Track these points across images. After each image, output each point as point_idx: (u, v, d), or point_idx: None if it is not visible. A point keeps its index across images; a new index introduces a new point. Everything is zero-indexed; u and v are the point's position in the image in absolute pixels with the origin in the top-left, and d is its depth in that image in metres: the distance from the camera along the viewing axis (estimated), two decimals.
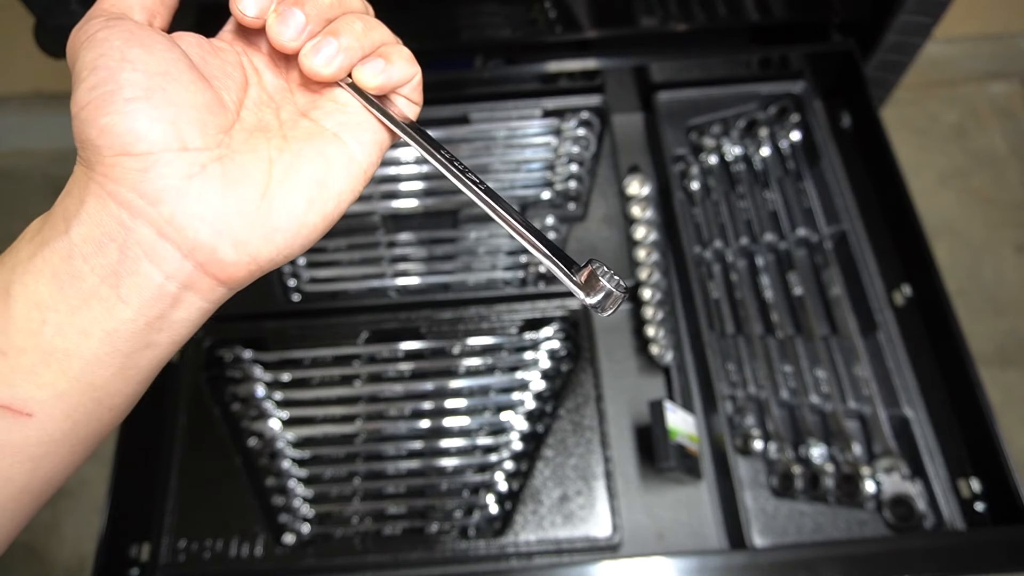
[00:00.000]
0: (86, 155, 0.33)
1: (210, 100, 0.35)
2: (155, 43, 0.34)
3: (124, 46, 0.33)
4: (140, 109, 0.32)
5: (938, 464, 0.88)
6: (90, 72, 0.33)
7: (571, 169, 1.08)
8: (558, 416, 0.94)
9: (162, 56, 0.34)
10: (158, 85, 0.33)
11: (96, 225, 0.32)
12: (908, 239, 0.97)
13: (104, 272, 0.32)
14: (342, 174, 0.38)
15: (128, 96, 0.32)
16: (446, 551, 0.84)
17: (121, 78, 0.32)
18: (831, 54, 1.11)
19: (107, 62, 0.33)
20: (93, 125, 0.32)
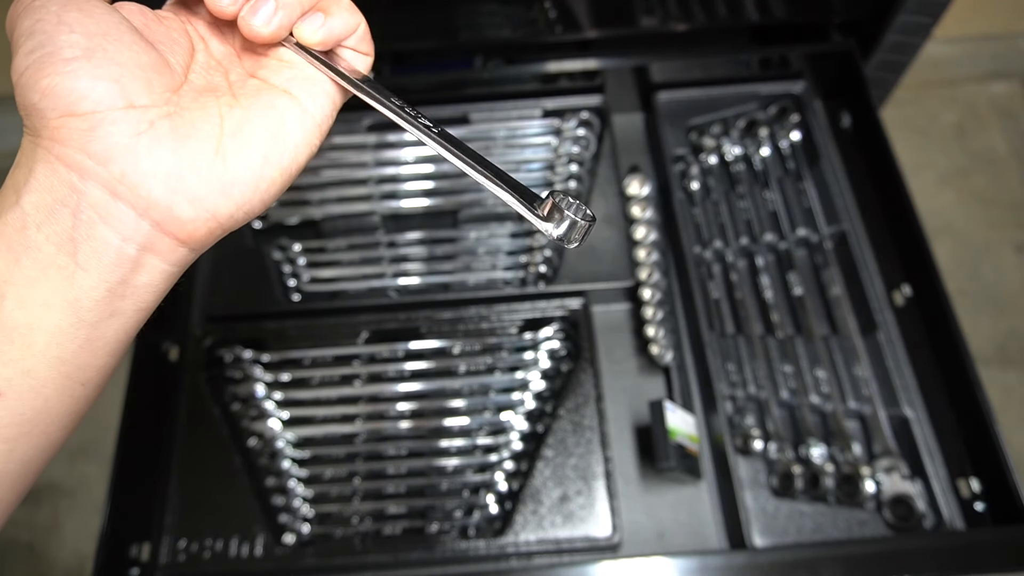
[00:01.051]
0: (31, 122, 0.32)
1: (155, 60, 0.34)
2: (93, 7, 0.33)
3: (61, 11, 0.32)
4: (81, 68, 0.31)
5: (938, 464, 0.88)
6: (27, 38, 0.32)
7: (571, 169, 1.08)
8: (558, 416, 0.94)
9: (101, 19, 0.33)
10: (98, 45, 0.32)
11: (47, 191, 0.31)
12: (908, 239, 0.97)
13: (59, 239, 0.31)
14: (296, 127, 0.37)
15: (68, 56, 0.31)
16: (446, 551, 0.84)
17: (60, 40, 0.31)
18: (831, 54, 1.11)
19: (44, 27, 0.32)
20: (34, 89, 0.31)
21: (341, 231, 1.09)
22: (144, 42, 0.34)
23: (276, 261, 1.05)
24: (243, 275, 1.04)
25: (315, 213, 1.08)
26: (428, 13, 1.10)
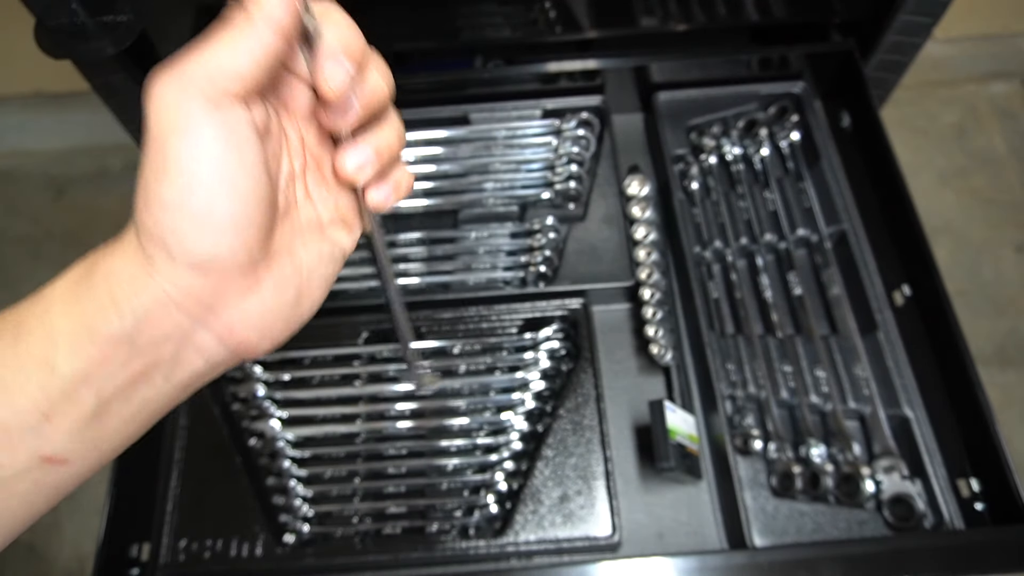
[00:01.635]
0: (152, 250, 0.35)
1: (275, 215, 0.39)
2: (247, 152, 0.35)
3: (221, 154, 0.34)
4: (221, 230, 0.34)
5: (938, 464, 0.88)
6: (177, 172, 0.34)
7: (571, 169, 1.08)
8: (558, 416, 0.94)
9: (250, 170, 0.35)
10: (241, 211, 0.35)
11: (157, 327, 0.35)
12: (908, 239, 0.97)
13: (156, 364, 0.36)
14: (338, 267, 0.45)
15: (214, 215, 0.34)
16: (446, 551, 0.84)
17: (211, 194, 0.34)
18: (831, 54, 1.11)
19: (198, 169, 0.34)
20: (170, 231, 0.34)
21: None
22: (272, 195, 0.38)
23: None
24: None
25: None
26: (428, 13, 1.10)
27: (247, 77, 0.36)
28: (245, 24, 0.36)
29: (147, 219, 0.34)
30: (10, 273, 1.86)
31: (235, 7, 0.37)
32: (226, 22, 0.37)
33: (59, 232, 1.92)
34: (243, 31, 0.36)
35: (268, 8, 0.36)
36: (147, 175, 0.34)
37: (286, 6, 0.36)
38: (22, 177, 2.00)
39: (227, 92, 0.35)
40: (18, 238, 1.91)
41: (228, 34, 0.36)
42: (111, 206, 1.94)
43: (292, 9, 0.36)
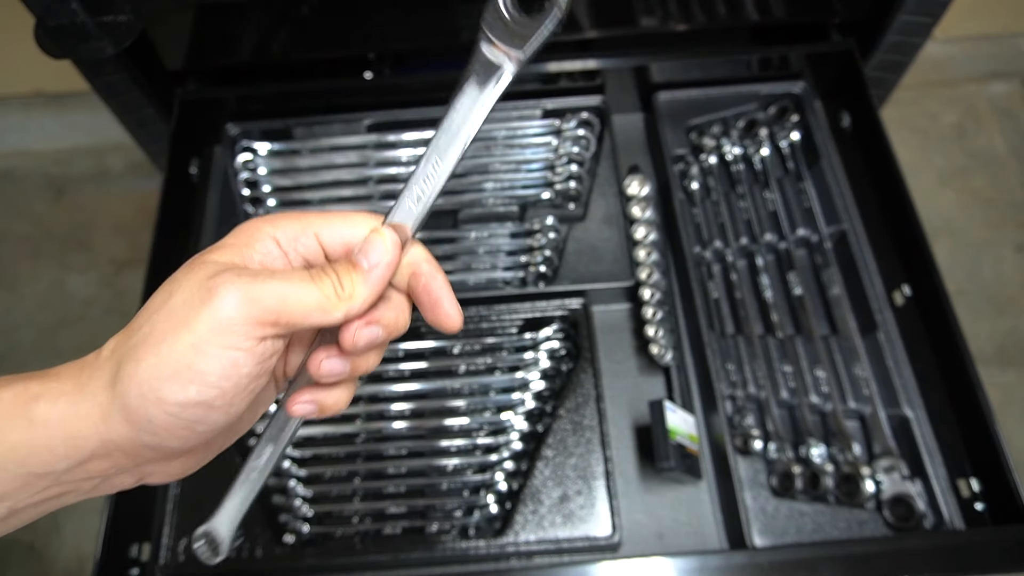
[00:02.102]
0: (125, 424, 0.37)
1: (235, 433, 0.46)
2: (262, 378, 0.39)
3: (245, 378, 0.38)
4: (202, 434, 0.39)
5: (938, 464, 0.88)
6: (202, 383, 0.37)
7: (571, 169, 1.08)
8: (558, 416, 0.94)
9: (255, 391, 0.40)
10: (229, 422, 0.40)
11: (87, 472, 0.39)
12: (908, 239, 0.97)
13: (74, 491, 0.40)
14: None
15: (207, 424, 0.38)
16: (446, 551, 0.84)
17: (217, 407, 0.38)
18: (831, 54, 1.11)
19: (223, 385, 0.37)
20: (162, 424, 0.37)
21: None
22: (246, 423, 0.46)
23: None
24: None
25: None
26: (428, 13, 1.10)
27: (309, 321, 0.39)
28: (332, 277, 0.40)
29: (144, 403, 0.36)
30: (10, 273, 1.86)
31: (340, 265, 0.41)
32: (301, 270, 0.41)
33: (59, 232, 1.91)
34: (329, 295, 0.40)
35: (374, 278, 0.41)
36: (165, 357, 0.36)
37: (381, 282, 0.42)
38: (22, 177, 2.00)
39: (285, 327, 0.38)
40: (18, 238, 1.91)
41: (311, 284, 0.39)
42: (111, 206, 1.94)
43: (383, 286, 0.42)
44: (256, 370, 0.38)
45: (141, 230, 1.89)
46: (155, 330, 0.37)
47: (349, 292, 0.40)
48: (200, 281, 0.37)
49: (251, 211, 1.08)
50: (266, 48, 1.12)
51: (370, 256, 0.42)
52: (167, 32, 1.07)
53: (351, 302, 0.40)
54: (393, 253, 0.42)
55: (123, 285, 1.83)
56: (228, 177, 1.11)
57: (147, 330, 0.37)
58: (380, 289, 0.42)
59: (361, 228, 0.43)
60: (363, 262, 0.41)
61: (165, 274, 0.40)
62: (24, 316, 1.82)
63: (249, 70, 1.20)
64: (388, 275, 0.42)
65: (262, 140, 1.11)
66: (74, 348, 1.75)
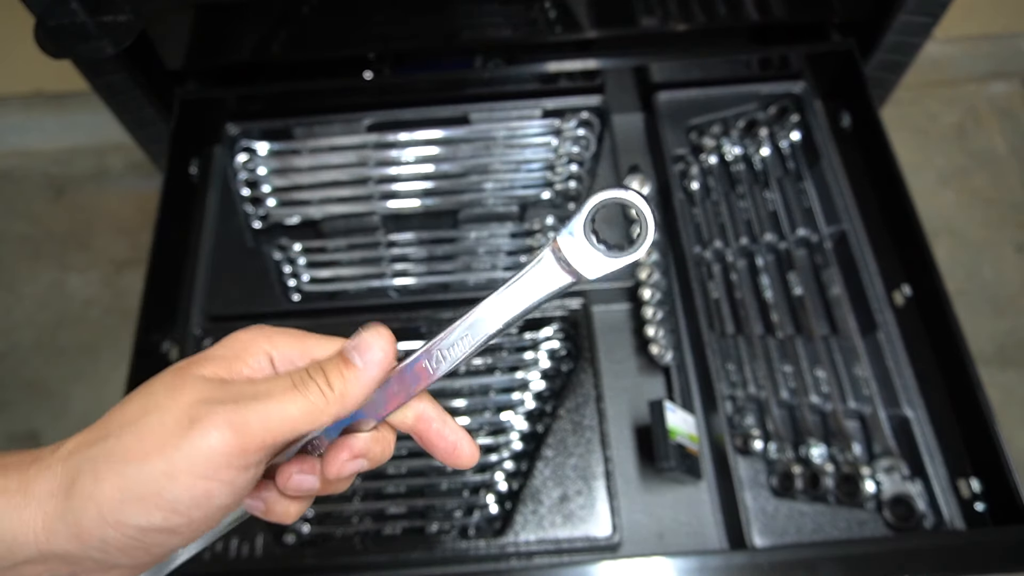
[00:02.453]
0: (67, 543, 0.35)
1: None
2: (235, 506, 0.38)
3: (219, 508, 0.36)
4: (139, 568, 0.37)
5: (938, 464, 0.88)
6: (171, 511, 0.35)
7: (571, 169, 1.08)
8: (558, 416, 0.94)
9: (224, 517, 0.38)
10: (166, 553, 0.38)
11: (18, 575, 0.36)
12: (908, 239, 0.97)
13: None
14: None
15: (168, 547, 0.37)
16: (446, 551, 0.84)
17: (165, 548, 0.36)
18: (831, 54, 1.11)
19: (193, 515, 0.35)
20: (110, 553, 0.35)
21: (341, 231, 1.09)
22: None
23: (276, 261, 1.05)
24: (243, 275, 1.04)
25: (315, 213, 1.08)
26: (428, 13, 1.10)
27: (297, 434, 0.37)
28: (321, 394, 0.38)
29: (101, 525, 0.34)
30: (10, 273, 1.86)
31: (308, 376, 0.38)
32: (292, 380, 0.38)
33: (59, 232, 1.91)
34: (317, 402, 0.38)
35: (354, 388, 0.39)
36: (131, 480, 0.34)
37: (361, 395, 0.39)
38: (22, 177, 2.00)
39: (271, 448, 0.36)
40: (18, 238, 1.91)
41: (296, 395, 0.37)
42: (111, 206, 1.94)
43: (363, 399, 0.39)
44: (230, 500, 0.36)
45: (141, 230, 1.89)
46: (123, 447, 0.35)
47: (339, 392, 0.38)
48: (183, 407, 0.35)
49: (251, 211, 1.08)
50: (266, 48, 1.12)
51: (364, 353, 0.39)
52: (167, 32, 1.07)
53: (341, 404, 0.38)
54: (389, 351, 0.40)
55: (123, 285, 1.83)
56: (228, 177, 1.11)
57: (113, 444, 0.35)
58: (372, 390, 0.40)
59: None
60: (356, 360, 0.39)
61: (165, 274, 0.39)
62: (24, 316, 1.82)
63: (249, 70, 1.20)
64: (381, 376, 0.40)
65: (262, 140, 1.11)
66: (74, 348, 1.75)
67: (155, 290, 0.99)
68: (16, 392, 1.72)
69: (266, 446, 0.36)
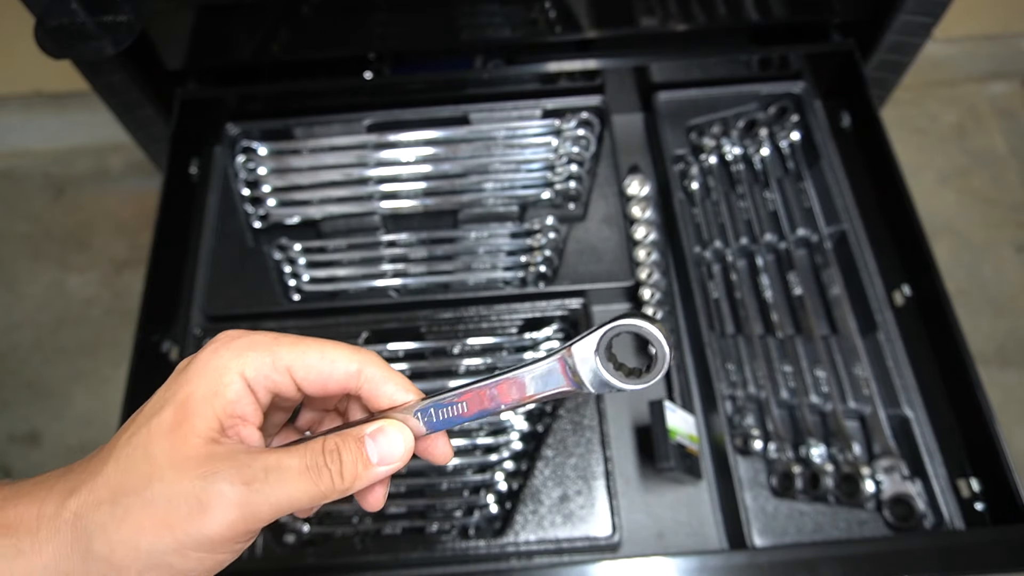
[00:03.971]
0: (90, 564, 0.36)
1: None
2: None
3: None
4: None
5: (938, 464, 0.88)
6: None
7: (571, 169, 1.08)
8: (558, 416, 0.94)
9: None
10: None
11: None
12: (908, 239, 0.97)
13: None
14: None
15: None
16: (446, 551, 0.84)
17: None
18: (831, 54, 1.11)
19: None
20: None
21: (341, 231, 1.09)
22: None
23: (276, 261, 1.05)
24: (243, 275, 1.04)
25: (315, 213, 1.08)
26: (428, 13, 1.10)
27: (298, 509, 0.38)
28: (332, 484, 0.39)
29: (117, 557, 0.35)
30: (10, 273, 1.86)
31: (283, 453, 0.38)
32: (302, 458, 0.38)
33: (59, 232, 1.91)
34: (326, 490, 0.39)
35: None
36: (143, 553, 0.35)
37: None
38: (22, 177, 2.00)
39: (275, 518, 0.37)
40: (18, 238, 1.91)
41: (307, 482, 0.38)
42: (111, 206, 1.94)
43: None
44: (237, 556, 0.38)
45: (141, 230, 1.89)
46: (133, 521, 0.35)
47: (349, 483, 0.39)
48: (189, 484, 0.35)
49: (251, 211, 1.08)
50: (266, 48, 1.12)
51: (384, 451, 0.40)
52: (167, 32, 1.07)
53: (348, 491, 0.40)
54: (405, 454, 0.41)
55: (123, 285, 1.83)
56: (228, 177, 1.11)
57: (122, 515, 0.35)
58: (379, 481, 0.42)
59: (340, 363, 0.41)
60: (373, 454, 0.40)
61: (165, 274, 0.39)
62: (24, 316, 1.82)
63: (249, 70, 1.20)
64: (391, 471, 0.42)
65: (262, 140, 1.11)
66: (74, 348, 1.75)
67: (155, 290, 0.99)
68: (16, 392, 1.72)
69: (271, 520, 0.37)
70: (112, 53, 0.93)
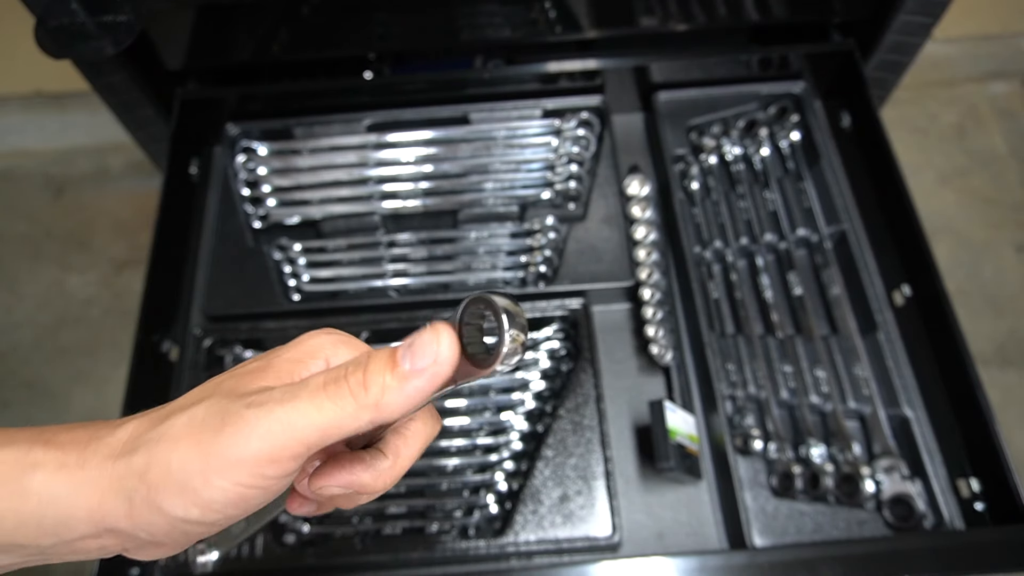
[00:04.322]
0: (120, 520, 0.35)
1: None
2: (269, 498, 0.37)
3: (235, 520, 0.37)
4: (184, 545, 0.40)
5: (938, 464, 0.88)
6: (196, 521, 0.36)
7: (571, 169, 1.08)
8: (558, 416, 0.94)
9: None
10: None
11: (73, 550, 0.37)
12: (908, 239, 0.97)
13: (47, 559, 0.37)
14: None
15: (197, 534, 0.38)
16: (446, 551, 0.84)
17: (203, 535, 0.38)
18: (831, 54, 1.11)
19: (215, 524, 0.36)
20: (155, 536, 0.36)
21: (341, 231, 1.09)
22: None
23: (276, 261, 1.05)
24: (243, 275, 1.04)
25: (315, 213, 1.08)
26: (428, 13, 1.10)
27: (328, 441, 0.35)
28: (364, 399, 0.34)
29: (147, 509, 0.35)
30: (10, 273, 1.86)
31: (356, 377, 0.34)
32: (337, 381, 0.35)
33: (59, 232, 1.91)
34: (346, 408, 0.34)
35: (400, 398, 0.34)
36: (175, 473, 0.34)
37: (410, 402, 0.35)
38: (22, 177, 1.99)
39: (303, 456, 0.35)
40: (18, 238, 1.91)
41: (323, 400, 0.34)
42: (111, 206, 1.94)
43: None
44: (266, 499, 0.36)
45: (141, 230, 1.89)
46: (173, 435, 0.35)
47: (375, 400, 0.34)
48: (223, 404, 0.35)
49: (251, 211, 1.08)
50: (266, 48, 1.12)
51: (416, 357, 0.34)
52: (167, 32, 1.07)
53: (376, 413, 0.34)
54: (445, 364, 0.34)
55: (123, 285, 1.83)
56: (228, 177, 1.11)
57: (164, 431, 0.35)
58: (417, 402, 0.34)
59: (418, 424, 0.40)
60: (405, 362, 0.34)
61: (165, 274, 0.39)
62: (24, 316, 1.82)
63: (249, 70, 1.20)
64: (432, 387, 0.34)
65: (262, 140, 1.11)
66: (74, 348, 1.75)
67: (155, 290, 0.99)
68: (16, 392, 1.72)
69: (297, 455, 0.34)
70: (112, 53, 0.93)
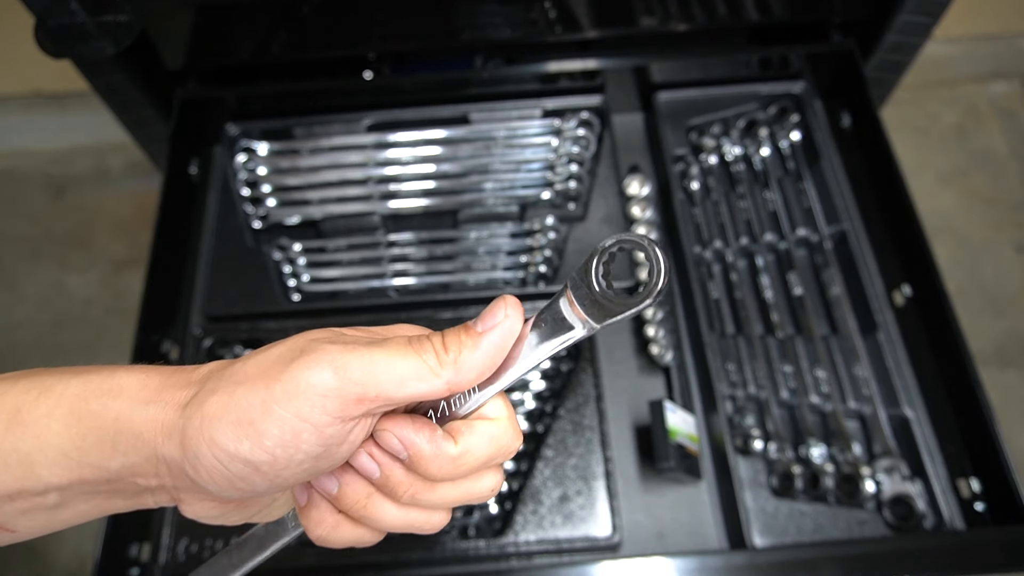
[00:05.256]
0: (174, 449, 0.36)
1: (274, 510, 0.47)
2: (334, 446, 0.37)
3: (279, 472, 0.36)
4: (227, 506, 0.42)
5: (938, 464, 0.88)
6: (243, 459, 0.35)
7: (571, 169, 1.08)
8: (558, 416, 0.94)
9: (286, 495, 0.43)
10: (254, 511, 0.44)
11: (134, 483, 0.38)
12: (908, 239, 0.97)
13: (122, 492, 0.38)
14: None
15: (237, 502, 0.41)
16: (446, 551, 0.84)
17: (247, 484, 0.36)
18: (831, 54, 1.11)
19: (261, 466, 0.36)
20: (200, 473, 0.36)
21: (341, 231, 1.09)
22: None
23: (276, 261, 1.05)
24: (243, 275, 1.04)
25: (315, 213, 1.08)
26: (428, 13, 1.10)
27: (404, 392, 0.35)
28: (440, 362, 0.36)
29: (198, 437, 0.35)
30: (10, 273, 1.86)
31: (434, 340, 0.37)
32: (412, 340, 0.37)
33: (59, 232, 1.92)
34: (429, 362, 0.36)
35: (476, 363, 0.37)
36: (235, 402, 0.35)
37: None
38: (22, 177, 2.00)
39: (374, 401, 0.35)
40: (18, 238, 1.91)
41: (408, 351, 0.36)
42: (111, 206, 1.94)
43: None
44: (317, 450, 0.35)
45: (141, 230, 1.89)
46: (243, 372, 0.35)
47: (454, 357, 0.36)
48: (300, 342, 0.36)
49: (251, 211, 1.08)
50: (266, 48, 1.12)
51: (485, 318, 0.37)
52: (167, 32, 1.07)
53: (455, 371, 0.36)
54: (513, 319, 0.37)
55: (123, 285, 1.83)
56: (228, 177, 1.11)
57: (240, 366, 0.36)
58: (493, 360, 0.37)
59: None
60: (477, 324, 0.37)
61: (165, 274, 0.40)
62: (24, 316, 1.82)
63: (249, 70, 1.20)
64: (504, 344, 0.37)
65: (262, 140, 1.11)
66: (74, 348, 1.75)
67: (155, 290, 0.99)
68: None
69: (367, 399, 0.35)
70: (112, 53, 0.93)
